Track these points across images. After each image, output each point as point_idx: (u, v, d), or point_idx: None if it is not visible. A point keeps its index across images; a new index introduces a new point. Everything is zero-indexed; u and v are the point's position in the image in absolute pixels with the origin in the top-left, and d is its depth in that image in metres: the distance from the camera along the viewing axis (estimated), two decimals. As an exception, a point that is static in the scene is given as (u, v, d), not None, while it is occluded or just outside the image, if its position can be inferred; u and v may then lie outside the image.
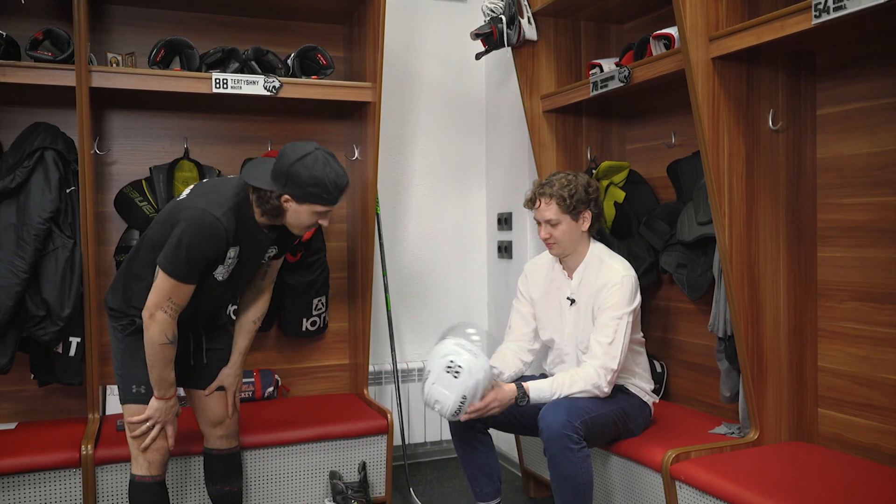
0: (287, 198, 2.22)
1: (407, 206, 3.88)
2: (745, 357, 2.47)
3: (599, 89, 2.92)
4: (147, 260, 2.31)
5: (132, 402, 2.34)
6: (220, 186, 2.31)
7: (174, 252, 2.17)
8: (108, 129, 3.21)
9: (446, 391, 2.35)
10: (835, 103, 2.50)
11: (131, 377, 2.35)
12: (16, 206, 2.75)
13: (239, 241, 2.28)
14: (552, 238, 2.58)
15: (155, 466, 2.37)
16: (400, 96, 3.82)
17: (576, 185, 2.55)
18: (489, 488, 2.67)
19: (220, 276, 2.31)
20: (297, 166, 2.18)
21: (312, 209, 2.25)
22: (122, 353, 2.37)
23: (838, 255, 2.51)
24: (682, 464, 2.37)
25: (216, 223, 2.18)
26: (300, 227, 2.32)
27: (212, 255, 2.23)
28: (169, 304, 2.21)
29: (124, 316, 2.35)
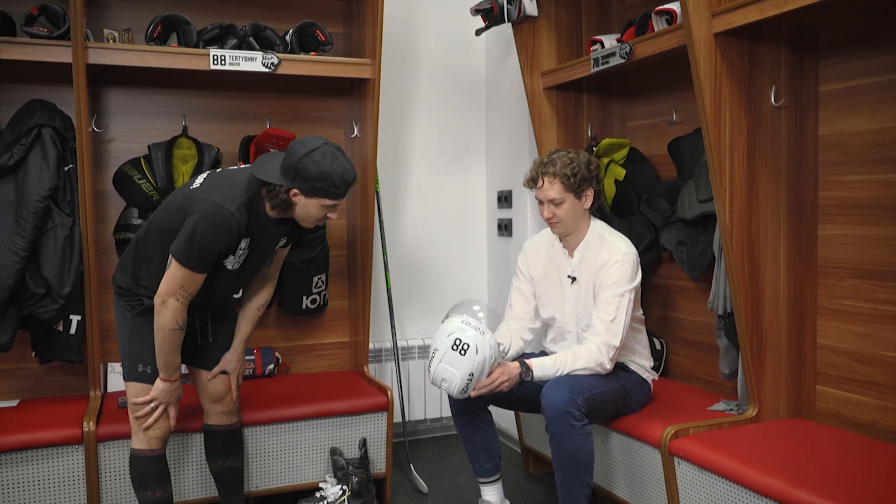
0: (296, 192, 2.25)
1: (407, 183, 3.87)
2: (744, 334, 2.47)
3: (600, 66, 2.89)
4: (155, 243, 2.33)
5: (137, 380, 2.38)
6: (233, 179, 2.32)
7: (187, 243, 2.20)
8: (106, 107, 3.19)
9: (453, 369, 2.36)
10: (837, 79, 2.48)
11: (138, 356, 2.38)
12: (14, 183, 2.74)
13: (251, 234, 2.32)
14: (556, 217, 2.57)
15: (155, 441, 2.41)
16: (399, 73, 3.79)
17: (578, 163, 2.54)
18: (489, 465, 2.69)
19: (230, 265, 2.34)
20: (305, 161, 2.20)
21: (321, 203, 2.28)
22: (129, 332, 2.40)
23: (839, 232, 2.51)
24: (681, 440, 2.38)
25: (230, 217, 2.22)
26: (309, 220, 2.35)
27: (224, 248, 2.27)
28: (181, 292, 2.25)
29: (133, 295, 2.38)
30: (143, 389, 2.37)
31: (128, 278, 2.39)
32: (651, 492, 2.52)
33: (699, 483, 2.31)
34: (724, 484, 2.21)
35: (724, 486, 2.21)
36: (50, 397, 3.07)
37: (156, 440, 2.41)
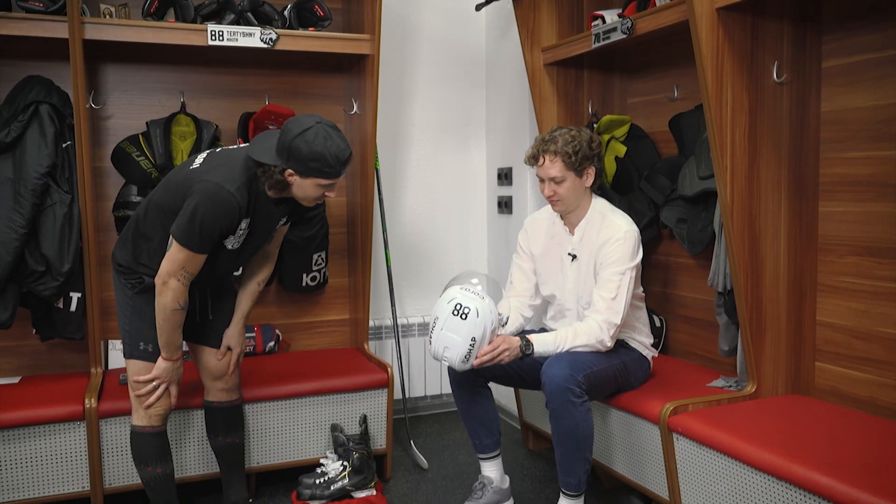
0: (290, 172, 2.25)
1: (406, 160, 3.86)
2: (744, 311, 2.48)
3: (602, 41, 2.87)
4: (155, 221, 2.33)
5: (138, 358, 2.39)
6: (232, 159, 2.31)
7: (188, 224, 2.20)
8: (103, 83, 3.17)
9: (455, 335, 2.36)
10: (840, 55, 2.46)
11: (139, 334, 2.39)
12: (12, 161, 2.73)
13: (251, 214, 2.32)
14: (556, 195, 2.56)
15: (156, 419, 2.43)
16: (399, 49, 3.76)
17: (580, 140, 2.52)
18: (489, 441, 2.71)
19: (230, 245, 2.35)
20: (298, 141, 2.19)
21: (316, 182, 2.27)
22: (130, 309, 2.41)
23: (839, 209, 2.51)
24: (680, 416, 2.40)
25: (230, 198, 2.21)
26: (307, 199, 2.35)
27: (225, 228, 2.27)
28: (182, 272, 2.26)
29: (133, 273, 2.38)
30: (145, 367, 2.38)
31: (128, 256, 2.39)
32: (650, 467, 2.54)
33: (698, 459, 2.32)
34: (723, 459, 2.23)
35: (723, 461, 2.23)
36: (51, 374, 3.08)
37: (156, 417, 2.43)
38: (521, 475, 3.11)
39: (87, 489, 2.67)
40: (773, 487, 2.06)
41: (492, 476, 2.73)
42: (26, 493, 2.61)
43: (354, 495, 2.81)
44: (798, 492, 1.99)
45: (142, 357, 2.39)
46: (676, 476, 2.40)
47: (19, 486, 2.60)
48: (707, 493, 2.30)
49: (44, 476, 2.62)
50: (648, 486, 2.56)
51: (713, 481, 2.27)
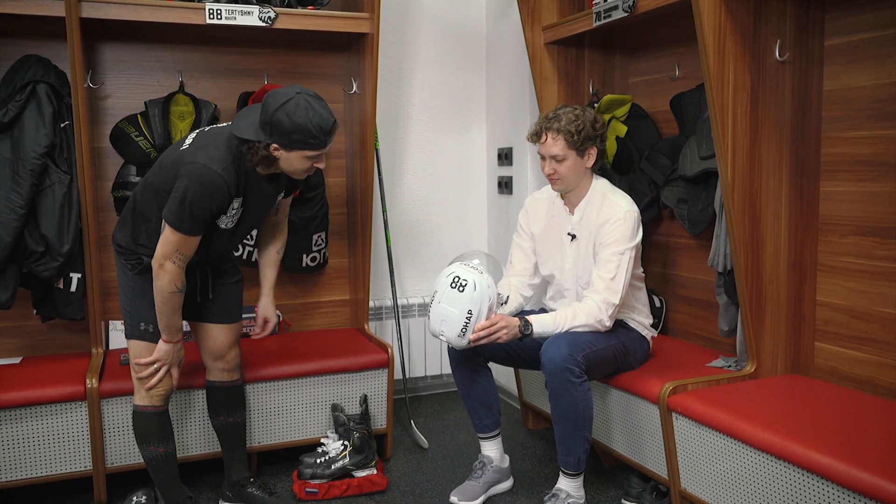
0: (275, 146, 2.20)
1: (406, 140, 3.84)
2: (744, 291, 2.48)
3: (603, 20, 2.84)
4: (151, 202, 2.33)
5: (139, 338, 2.40)
6: (218, 138, 2.28)
7: (178, 208, 2.20)
8: (101, 62, 3.15)
9: (451, 308, 2.37)
10: (843, 33, 2.45)
11: (139, 315, 2.39)
12: (10, 140, 2.72)
13: (242, 193, 2.30)
14: (556, 174, 2.55)
15: (157, 398, 2.44)
16: (399, 28, 3.74)
17: (583, 120, 2.51)
18: (489, 420, 2.72)
19: (223, 224, 2.34)
20: (279, 114, 2.15)
21: (303, 155, 2.23)
22: (131, 290, 2.41)
23: (841, 189, 2.50)
24: (679, 396, 2.40)
25: (218, 179, 2.20)
26: (296, 173, 2.31)
27: (216, 209, 2.26)
28: (177, 255, 2.25)
29: (132, 254, 2.38)
30: (146, 348, 2.39)
31: (126, 237, 2.39)
32: (649, 447, 2.55)
33: (697, 438, 2.33)
34: (722, 439, 2.24)
35: (722, 440, 2.24)
36: (52, 355, 3.09)
37: (158, 397, 2.44)
38: (521, 455, 3.12)
39: (90, 468, 2.68)
40: (772, 466, 2.07)
41: (492, 455, 2.75)
42: (29, 473, 2.62)
43: (355, 474, 2.83)
44: (797, 471, 2.00)
45: (142, 337, 2.40)
46: (675, 455, 2.42)
47: (21, 465, 2.61)
48: (706, 473, 2.31)
49: (46, 455, 2.64)
50: (648, 465, 2.58)
51: (712, 460, 2.28)
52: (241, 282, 2.66)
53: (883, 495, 1.76)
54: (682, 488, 2.41)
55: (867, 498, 1.81)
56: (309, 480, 2.77)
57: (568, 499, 2.47)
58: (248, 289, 3.41)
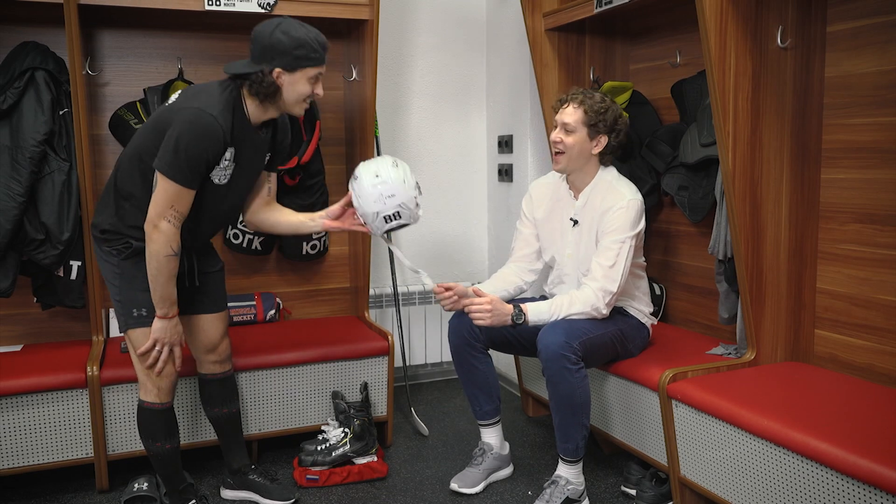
0: (279, 71, 2.19)
1: (406, 128, 3.83)
2: (744, 278, 2.47)
3: (604, 6, 2.83)
4: (134, 173, 2.26)
5: (135, 326, 2.32)
6: (208, 89, 2.25)
7: (173, 155, 2.14)
8: (100, 49, 3.13)
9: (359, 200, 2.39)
10: (845, 19, 2.43)
11: (131, 302, 2.32)
12: (9, 128, 2.71)
13: (235, 143, 2.25)
14: (562, 144, 2.54)
15: (164, 393, 2.38)
16: (399, 14, 3.72)
17: (609, 108, 2.52)
18: (489, 407, 2.72)
19: (217, 179, 2.27)
20: (277, 35, 2.16)
21: (306, 75, 2.23)
22: (119, 278, 2.33)
23: (842, 176, 2.49)
24: (679, 383, 2.41)
25: (213, 121, 2.16)
26: (297, 100, 2.27)
27: (211, 156, 2.20)
28: (172, 212, 2.18)
29: (120, 237, 2.31)
30: (143, 334, 2.32)
31: (111, 219, 2.31)
32: (649, 434, 2.56)
33: (696, 425, 2.34)
34: (722, 426, 2.24)
35: (722, 428, 2.24)
36: (53, 342, 3.10)
37: (164, 392, 2.37)
38: (521, 441, 3.13)
39: (91, 455, 2.69)
40: (772, 453, 2.08)
41: (492, 442, 2.75)
42: (30, 460, 2.63)
43: (356, 461, 2.84)
44: (796, 458, 2.00)
45: (138, 324, 2.31)
46: (675, 442, 2.42)
47: (23, 452, 2.62)
48: (706, 460, 2.32)
49: (47, 443, 2.64)
50: (647, 452, 2.58)
51: (712, 448, 2.29)
52: (224, 270, 2.61)
53: (882, 482, 1.77)
54: (682, 475, 2.42)
55: (866, 484, 1.82)
56: (310, 468, 2.78)
57: (567, 485, 2.48)
58: (246, 276, 3.43)
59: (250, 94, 2.25)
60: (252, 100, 2.26)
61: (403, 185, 2.38)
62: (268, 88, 2.22)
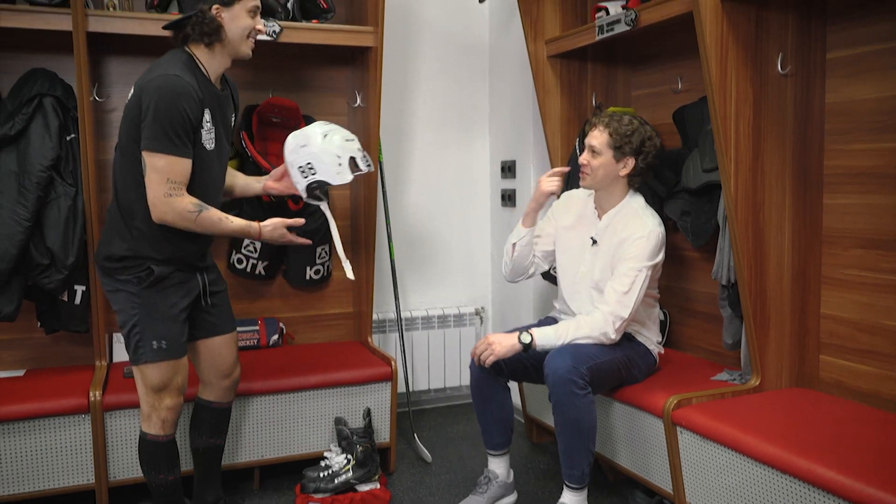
0: (217, 7, 2.21)
1: (410, 153, 3.85)
2: (748, 304, 2.47)
3: (605, 33, 2.86)
4: (129, 184, 2.22)
5: (153, 359, 2.24)
6: (161, 61, 2.24)
7: (153, 125, 2.11)
8: (107, 76, 3.17)
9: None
10: (845, 46, 2.45)
11: (151, 334, 2.24)
12: (16, 153, 2.73)
13: (207, 103, 2.23)
14: (588, 166, 2.58)
15: (168, 425, 2.34)
16: (402, 41, 3.76)
17: (636, 131, 2.55)
18: (501, 439, 2.71)
19: (207, 144, 2.25)
20: None
21: (244, 7, 2.24)
22: (139, 307, 2.23)
23: (844, 201, 2.49)
24: (684, 410, 2.39)
25: (181, 81, 2.14)
26: (242, 36, 2.27)
27: (191, 114, 2.16)
28: (169, 185, 2.13)
29: (140, 263, 2.23)
30: (160, 368, 2.25)
31: (127, 244, 2.23)
32: (654, 461, 2.54)
33: (702, 452, 2.32)
34: (727, 453, 2.22)
35: (727, 455, 2.22)
36: (56, 367, 3.09)
37: (169, 424, 2.33)
38: (525, 468, 3.11)
39: (92, 482, 2.68)
40: (778, 481, 2.06)
41: (498, 471, 2.73)
42: (31, 486, 2.62)
43: (358, 488, 2.81)
44: (802, 485, 1.98)
45: (158, 357, 2.24)
46: (680, 470, 2.40)
47: (24, 478, 2.61)
48: (711, 487, 2.30)
49: (48, 469, 2.63)
50: (652, 479, 2.56)
51: (717, 475, 2.27)
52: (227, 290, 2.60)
53: (889, 509, 1.75)
54: (687, 503, 2.40)
55: (873, 512, 1.80)
56: (312, 495, 2.76)
57: (572, 513, 2.46)
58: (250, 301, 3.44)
59: (196, 43, 2.25)
60: (202, 51, 2.26)
61: (321, 138, 2.42)
62: (210, 26, 2.21)
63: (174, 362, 2.29)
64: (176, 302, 2.28)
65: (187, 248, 2.31)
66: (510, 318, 3.85)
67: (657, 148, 2.60)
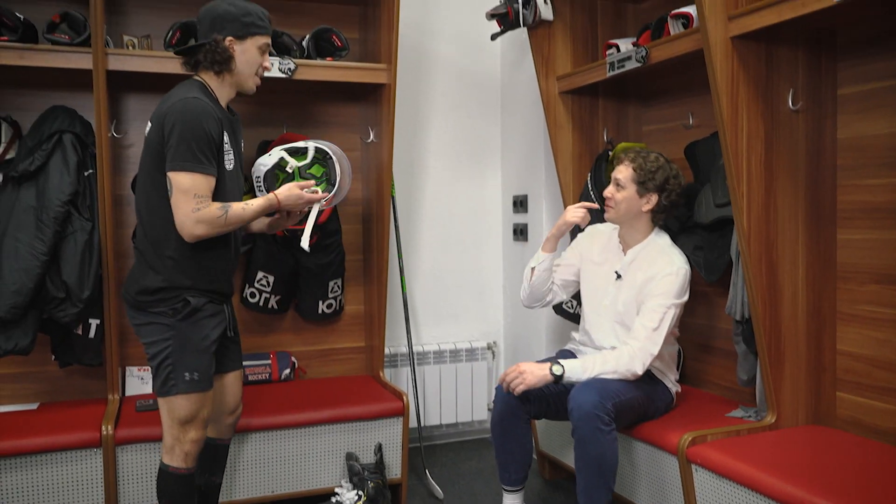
0: (231, 39, 2.27)
1: (422, 187, 3.88)
2: (762, 340, 2.45)
3: (616, 70, 2.88)
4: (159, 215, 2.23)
5: (185, 391, 2.23)
6: (175, 90, 2.29)
7: (178, 145, 2.14)
8: (125, 112, 3.23)
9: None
10: (856, 82, 2.46)
11: (183, 365, 2.23)
12: (35, 188, 2.77)
13: (224, 125, 2.28)
14: (612, 200, 2.62)
15: (191, 458, 2.32)
16: (415, 77, 3.80)
17: (661, 168, 2.58)
18: (518, 476, 2.69)
19: (228, 165, 2.29)
20: (222, 6, 2.27)
21: (256, 43, 2.31)
22: (173, 339, 2.23)
23: (858, 236, 2.48)
24: (699, 447, 2.36)
25: (200, 101, 2.20)
26: (251, 71, 2.34)
27: (213, 133, 2.20)
28: (196, 200, 2.15)
29: (176, 294, 2.23)
30: (190, 399, 2.24)
31: (164, 274, 2.23)
32: (669, 499, 2.50)
33: (717, 490, 2.28)
34: (743, 491, 2.19)
35: (743, 493, 2.19)
36: (69, 400, 3.10)
37: (192, 457, 2.31)
38: (538, 505, 3.07)
39: (103, 516, 2.67)
40: (795, 520, 2.02)
41: None
42: (42, 520, 2.61)
43: (369, 525, 2.79)
44: (820, 525, 1.95)
45: (189, 388, 2.23)
46: (695, 507, 2.37)
47: (35, 512, 2.60)
48: (727, 526, 2.26)
49: (60, 503, 2.62)
50: (667, 517, 2.52)
51: (733, 513, 2.23)
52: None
53: (910, 552, 1.71)
54: (703, 542, 2.36)
55: (894, 554, 1.76)
56: (322, 530, 2.74)
57: (587, 552, 2.42)
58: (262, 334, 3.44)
59: (207, 70, 2.30)
60: (211, 78, 2.32)
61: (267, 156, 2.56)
62: (222, 55, 2.27)
63: (203, 394, 2.28)
64: (208, 334, 2.28)
65: (218, 268, 2.32)
66: (522, 353, 3.83)
67: (681, 187, 2.63)
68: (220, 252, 2.32)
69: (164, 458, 2.33)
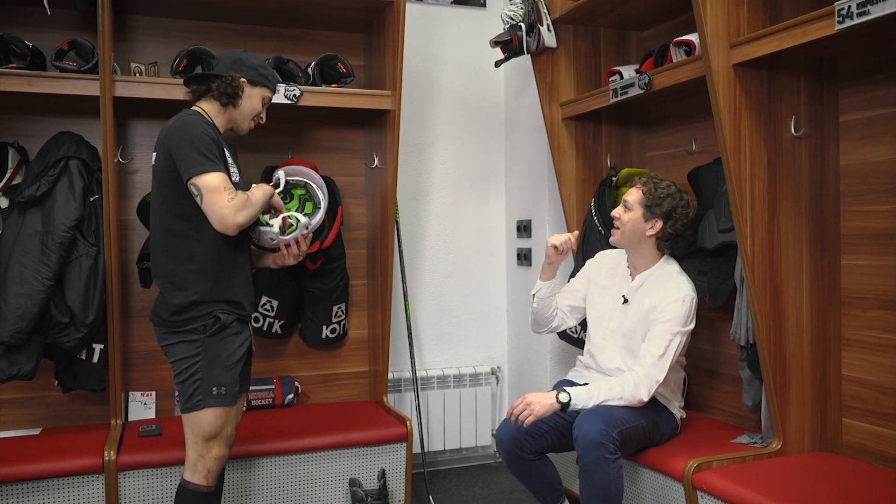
0: (244, 80, 2.42)
1: (426, 213, 3.89)
2: (767, 366, 2.44)
3: (619, 96, 2.91)
4: (177, 234, 2.29)
5: (214, 404, 2.28)
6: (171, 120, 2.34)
7: (189, 153, 2.22)
8: (131, 138, 3.25)
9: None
10: (858, 109, 2.48)
11: (211, 381, 2.27)
12: (41, 214, 2.79)
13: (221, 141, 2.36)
14: (619, 221, 2.63)
15: (212, 476, 2.32)
16: (419, 104, 3.83)
17: (670, 196, 2.59)
18: (551, 496, 2.69)
19: (234, 177, 2.36)
20: (245, 56, 2.45)
21: (262, 94, 2.47)
22: (202, 355, 2.28)
23: (862, 262, 2.48)
24: (704, 473, 2.35)
25: (198, 116, 2.33)
26: (249, 115, 2.47)
27: (215, 139, 2.29)
28: (227, 192, 2.23)
29: (207, 311, 2.28)
30: (216, 413, 2.28)
31: (190, 291, 2.28)
32: (674, 526, 2.48)
33: (723, 517, 2.27)
34: (749, 519, 2.17)
35: (749, 520, 2.17)
36: (71, 426, 3.09)
37: (213, 475, 2.32)
38: (542, 533, 3.04)
39: (104, 543, 2.65)
40: (802, 549, 2.00)
41: None
42: (43, 547, 2.60)
43: (372, 552, 2.77)
44: (828, 554, 1.93)
45: (217, 402, 2.27)
46: (702, 535, 2.35)
47: (36, 539, 2.59)
48: (733, 554, 2.23)
49: (61, 529, 2.61)
50: (673, 545, 2.50)
51: (740, 541, 2.21)
52: None
53: (920, 582, 1.69)
54: (710, 571, 2.33)
55: (903, 584, 1.74)
56: (325, 558, 2.71)
57: (592, 582, 2.39)
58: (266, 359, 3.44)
59: (212, 100, 2.41)
60: (213, 106, 2.42)
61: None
62: (234, 90, 2.40)
63: (228, 410, 2.32)
64: (234, 351, 2.32)
65: (240, 276, 2.37)
66: (526, 378, 3.82)
67: (688, 217, 2.63)
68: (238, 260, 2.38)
69: (185, 474, 2.34)
